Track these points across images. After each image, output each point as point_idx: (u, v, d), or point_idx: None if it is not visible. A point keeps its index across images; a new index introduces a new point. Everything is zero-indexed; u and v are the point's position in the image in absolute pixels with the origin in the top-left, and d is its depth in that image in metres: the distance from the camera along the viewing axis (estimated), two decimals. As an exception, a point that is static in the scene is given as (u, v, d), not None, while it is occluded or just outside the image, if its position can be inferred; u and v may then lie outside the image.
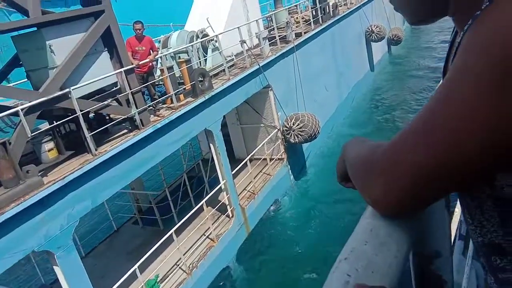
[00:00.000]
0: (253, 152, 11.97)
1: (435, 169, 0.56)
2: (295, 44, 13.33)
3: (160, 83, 10.40)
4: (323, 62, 15.82)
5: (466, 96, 0.51)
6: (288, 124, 12.39)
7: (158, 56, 9.58)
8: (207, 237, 9.90)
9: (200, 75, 9.51)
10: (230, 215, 10.44)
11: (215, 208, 10.29)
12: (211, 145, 10.19)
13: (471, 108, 0.51)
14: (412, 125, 0.59)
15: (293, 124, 12.27)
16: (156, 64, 10.67)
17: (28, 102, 6.34)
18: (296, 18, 16.03)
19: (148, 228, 11.04)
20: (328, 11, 16.60)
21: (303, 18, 15.79)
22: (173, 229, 8.61)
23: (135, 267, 7.66)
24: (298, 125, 12.21)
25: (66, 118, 6.99)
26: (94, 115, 8.33)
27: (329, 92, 16.27)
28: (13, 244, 5.80)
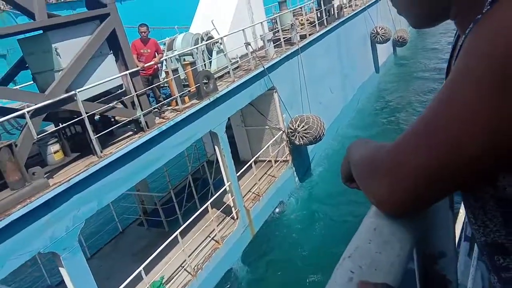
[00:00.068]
0: (258, 154, 11.99)
1: (438, 171, 0.56)
2: (300, 46, 13.33)
3: (165, 85, 10.45)
4: (328, 64, 15.81)
5: (468, 99, 0.52)
6: (293, 126, 12.38)
7: (163, 59, 9.62)
8: (212, 239, 9.91)
9: (205, 77, 9.54)
10: (235, 217, 10.44)
11: (220, 210, 10.31)
12: (216, 147, 10.20)
13: (472, 111, 0.51)
14: (415, 127, 0.60)
15: (298, 126, 12.26)
16: (161, 67, 10.71)
17: (34, 105, 6.39)
18: (301, 20, 16.06)
19: (153, 230, 11.07)
20: (333, 13, 16.58)
21: (308, 20, 15.81)
22: (178, 231, 8.63)
23: (141, 269, 7.68)
24: (303, 127, 12.21)
25: (72, 120, 7.03)
26: (100, 117, 8.38)
27: (334, 94, 16.25)
28: (20, 246, 5.84)
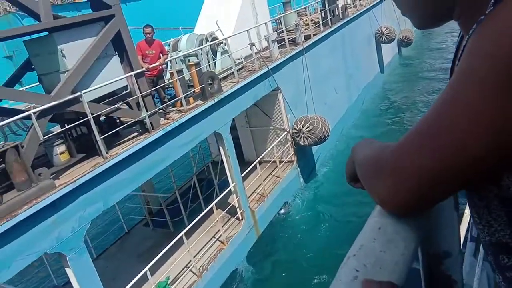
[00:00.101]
0: (263, 155, 11.98)
1: (441, 172, 0.57)
2: (304, 47, 13.32)
3: (170, 86, 10.47)
4: (333, 64, 15.79)
5: (471, 99, 0.52)
6: (298, 127, 12.37)
7: (168, 60, 9.65)
8: (217, 240, 9.91)
9: (210, 78, 9.56)
10: (240, 218, 10.44)
11: (225, 211, 10.32)
12: (221, 148, 10.21)
13: (476, 112, 0.51)
14: (419, 127, 0.60)
15: (303, 127, 12.25)
16: (166, 68, 10.74)
17: (40, 106, 6.43)
18: (305, 21, 16.05)
19: (159, 230, 11.10)
20: (337, 13, 16.56)
21: (312, 20, 15.79)
22: (184, 232, 8.65)
23: (146, 269, 7.70)
24: (308, 128, 12.19)
25: (78, 122, 7.06)
26: (105, 119, 8.42)
27: (339, 94, 16.22)
28: (26, 246, 5.88)
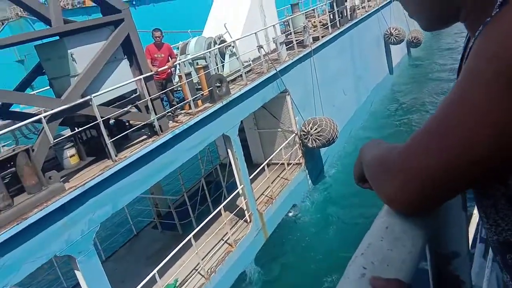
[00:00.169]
0: (271, 157, 11.97)
1: (448, 171, 0.57)
2: (313, 48, 13.30)
3: (179, 89, 10.52)
4: (341, 66, 15.74)
5: (477, 101, 0.52)
6: (306, 129, 12.34)
7: (177, 63, 9.69)
8: (225, 242, 9.92)
9: (218, 81, 9.58)
10: (248, 220, 10.45)
11: (233, 213, 10.32)
12: (229, 150, 10.23)
13: (482, 113, 0.52)
14: (425, 128, 0.61)
15: (311, 129, 12.22)
16: (175, 71, 10.79)
17: (51, 110, 6.49)
18: (314, 22, 16.02)
19: (167, 233, 11.15)
20: (346, 15, 16.51)
21: (321, 22, 15.75)
22: (192, 234, 8.67)
23: (155, 272, 7.73)
24: (316, 130, 12.16)
25: (88, 125, 7.13)
26: (114, 122, 8.48)
27: (347, 96, 16.16)
28: (36, 249, 5.94)
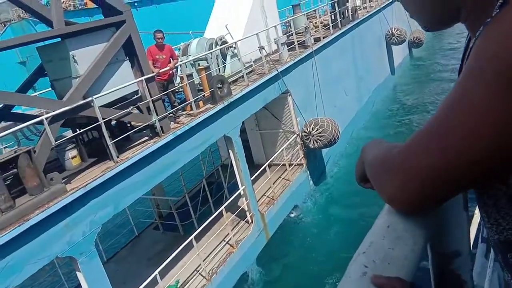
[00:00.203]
0: (272, 158, 11.96)
1: (448, 171, 0.58)
2: (314, 49, 13.30)
3: (180, 91, 10.53)
4: (343, 67, 15.73)
5: (477, 101, 0.53)
6: (307, 129, 12.34)
7: (178, 64, 9.69)
8: (227, 243, 9.93)
9: (219, 82, 9.59)
10: (250, 221, 10.44)
11: (235, 214, 10.32)
12: (230, 151, 10.23)
13: (482, 113, 0.52)
14: (426, 128, 0.61)
15: (312, 129, 12.21)
16: (176, 72, 10.80)
17: (52, 111, 6.51)
18: (315, 23, 16.02)
19: (169, 234, 11.15)
20: (347, 15, 16.51)
21: (322, 23, 15.74)
22: (193, 235, 8.67)
23: (156, 273, 7.73)
24: (317, 130, 12.15)
25: (89, 126, 7.14)
26: (116, 123, 8.48)
27: (349, 97, 16.15)
28: (38, 250, 5.95)
